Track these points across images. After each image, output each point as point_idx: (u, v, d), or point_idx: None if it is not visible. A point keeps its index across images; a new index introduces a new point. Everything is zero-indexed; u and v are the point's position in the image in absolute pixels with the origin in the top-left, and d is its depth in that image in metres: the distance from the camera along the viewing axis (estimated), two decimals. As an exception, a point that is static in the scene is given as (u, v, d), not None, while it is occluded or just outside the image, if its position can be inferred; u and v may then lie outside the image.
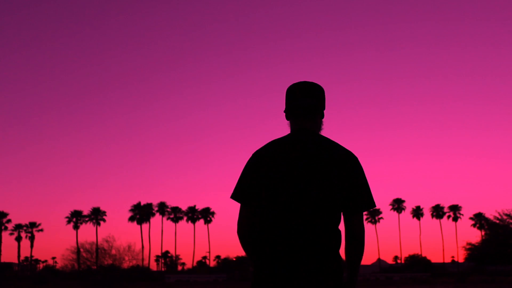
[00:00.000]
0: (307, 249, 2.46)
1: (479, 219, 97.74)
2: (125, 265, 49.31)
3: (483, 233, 65.42)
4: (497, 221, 47.51)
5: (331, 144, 2.62)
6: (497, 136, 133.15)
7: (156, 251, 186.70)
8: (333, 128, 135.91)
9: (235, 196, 2.64)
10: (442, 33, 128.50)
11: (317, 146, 2.60)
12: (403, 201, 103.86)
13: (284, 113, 2.78)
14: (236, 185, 2.67)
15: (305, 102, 2.68)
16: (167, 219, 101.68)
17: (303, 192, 2.52)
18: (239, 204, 2.67)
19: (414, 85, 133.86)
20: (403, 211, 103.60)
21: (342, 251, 2.68)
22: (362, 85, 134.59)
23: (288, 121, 2.78)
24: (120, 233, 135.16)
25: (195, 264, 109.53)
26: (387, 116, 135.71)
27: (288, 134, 2.69)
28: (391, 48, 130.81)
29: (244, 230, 2.62)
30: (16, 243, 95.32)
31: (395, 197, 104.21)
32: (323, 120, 2.79)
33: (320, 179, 2.52)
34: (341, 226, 2.64)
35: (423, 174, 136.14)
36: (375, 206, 2.60)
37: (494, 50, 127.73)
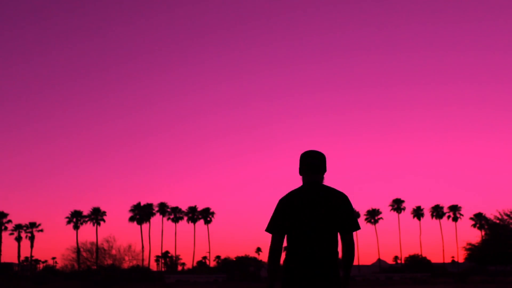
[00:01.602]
0: (318, 259, 3.97)
1: (479, 219, 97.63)
2: (125, 265, 49.26)
3: (483, 233, 65.37)
4: (497, 221, 47.43)
5: (330, 189, 4.11)
6: (497, 136, 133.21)
7: (156, 251, 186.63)
8: (334, 128, 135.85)
9: (269, 230, 4.11)
10: (444, 27, 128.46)
11: (322, 192, 4.08)
12: (403, 201, 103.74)
13: (298, 171, 4.26)
14: (270, 222, 4.12)
15: (312, 164, 4.16)
16: (167, 219, 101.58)
17: (315, 225, 4.01)
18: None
19: (413, 86, 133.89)
20: (403, 211, 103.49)
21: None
22: (362, 85, 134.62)
23: (301, 176, 4.24)
24: (120, 233, 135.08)
25: (195, 264, 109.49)
26: (387, 116, 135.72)
27: (302, 186, 4.18)
28: (389, 44, 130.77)
29: (274, 251, 4.06)
30: (16, 243, 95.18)
31: (395, 197, 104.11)
32: (324, 175, 4.22)
33: (325, 214, 4.01)
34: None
35: (423, 174, 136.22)
36: (359, 228, 4.04)
37: (494, 51, 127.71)
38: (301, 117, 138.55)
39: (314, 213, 4.00)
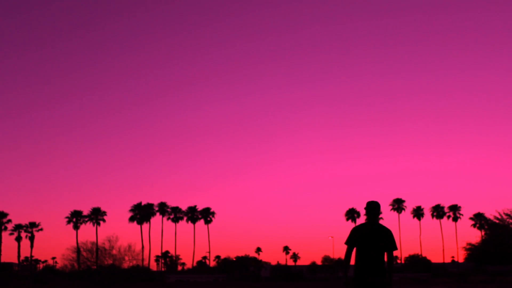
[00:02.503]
0: (375, 264, 7.02)
1: (479, 219, 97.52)
2: (125, 265, 49.16)
3: (483, 233, 65.27)
4: (497, 221, 47.34)
5: (382, 226, 7.15)
6: (497, 136, 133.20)
7: (156, 251, 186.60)
8: (334, 127, 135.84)
9: (347, 243, 7.20)
10: (444, 28, 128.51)
11: (377, 227, 7.13)
12: (403, 201, 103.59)
13: (365, 214, 7.24)
14: (348, 239, 7.18)
15: (373, 212, 7.18)
16: (167, 219, 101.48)
17: (372, 245, 7.06)
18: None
19: (414, 86, 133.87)
20: (403, 211, 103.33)
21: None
22: (362, 84, 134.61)
23: (366, 217, 7.23)
24: (120, 233, 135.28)
25: (195, 264, 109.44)
26: (387, 116, 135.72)
27: (366, 222, 7.20)
28: (390, 45, 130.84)
29: (347, 255, 7.18)
30: (16, 243, 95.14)
31: (395, 197, 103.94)
32: (380, 216, 7.50)
33: (378, 240, 7.06)
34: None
35: (423, 174, 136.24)
36: (397, 249, 7.06)
37: (495, 50, 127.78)
38: (302, 117, 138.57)
39: (372, 239, 7.08)
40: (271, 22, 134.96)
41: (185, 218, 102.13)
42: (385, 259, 7.16)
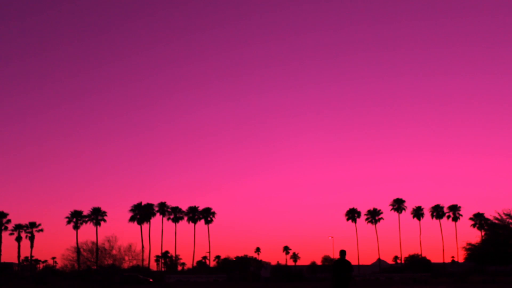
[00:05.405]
0: (344, 280, 15.88)
1: (479, 219, 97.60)
2: (125, 265, 49.20)
3: (483, 233, 65.29)
4: (497, 221, 47.37)
5: (346, 261, 15.84)
6: (497, 137, 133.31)
7: (156, 251, 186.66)
8: (335, 128, 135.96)
9: (332, 272, 16.01)
10: (444, 32, 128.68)
11: (344, 262, 15.86)
12: (404, 201, 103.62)
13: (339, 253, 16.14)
14: (332, 269, 16.09)
15: (342, 255, 15.88)
16: (168, 219, 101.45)
17: (341, 271, 15.81)
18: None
19: (415, 86, 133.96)
20: (403, 211, 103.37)
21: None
22: (363, 85, 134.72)
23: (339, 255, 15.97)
24: (120, 233, 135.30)
25: (195, 264, 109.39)
26: (387, 116, 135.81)
27: (339, 259, 15.94)
28: (392, 48, 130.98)
29: (332, 277, 15.91)
30: (16, 243, 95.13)
31: (395, 197, 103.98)
32: (346, 256, 16.61)
33: (344, 268, 15.81)
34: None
35: (423, 175, 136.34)
36: (353, 271, 15.91)
37: (495, 50, 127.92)
38: (302, 118, 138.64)
39: (342, 268, 15.10)
40: (275, 25, 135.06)
41: (185, 218, 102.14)
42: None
